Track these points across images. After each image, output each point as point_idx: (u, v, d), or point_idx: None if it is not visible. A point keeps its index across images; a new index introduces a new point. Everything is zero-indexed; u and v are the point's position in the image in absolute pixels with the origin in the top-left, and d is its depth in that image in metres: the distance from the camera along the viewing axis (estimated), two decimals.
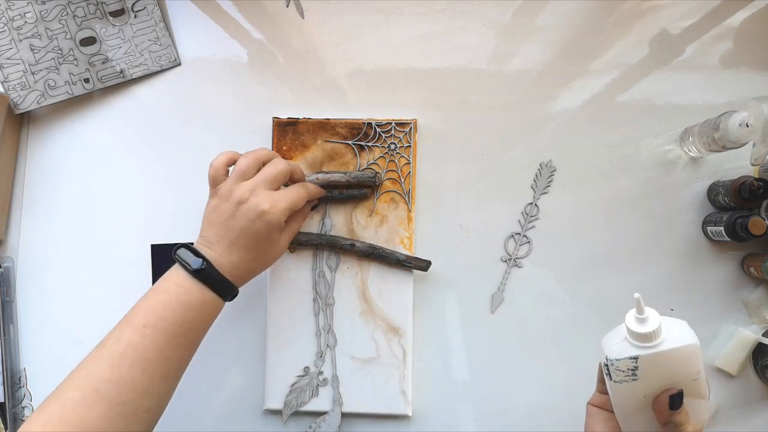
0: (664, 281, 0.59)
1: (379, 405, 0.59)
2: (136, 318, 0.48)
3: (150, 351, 0.46)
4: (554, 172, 0.61)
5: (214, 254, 0.51)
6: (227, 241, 0.51)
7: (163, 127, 0.65)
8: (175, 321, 0.48)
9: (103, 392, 0.44)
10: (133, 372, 0.45)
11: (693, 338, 0.40)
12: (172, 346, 0.48)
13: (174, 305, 0.48)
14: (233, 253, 0.51)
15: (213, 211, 0.52)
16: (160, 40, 0.65)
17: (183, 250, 0.51)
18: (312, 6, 0.65)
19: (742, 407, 0.58)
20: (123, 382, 0.45)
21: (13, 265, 0.64)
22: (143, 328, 0.47)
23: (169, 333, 0.47)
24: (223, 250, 0.51)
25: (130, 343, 0.46)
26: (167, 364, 0.47)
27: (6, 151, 0.63)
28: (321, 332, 0.61)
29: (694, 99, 0.61)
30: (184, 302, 0.49)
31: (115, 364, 0.45)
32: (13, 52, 0.63)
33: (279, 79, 0.64)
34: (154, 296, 0.49)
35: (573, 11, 0.62)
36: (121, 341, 0.47)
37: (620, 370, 0.40)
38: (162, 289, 0.50)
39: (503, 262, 0.61)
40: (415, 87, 0.63)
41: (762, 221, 0.53)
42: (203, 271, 0.49)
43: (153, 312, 0.48)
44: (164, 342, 0.47)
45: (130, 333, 0.47)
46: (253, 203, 0.50)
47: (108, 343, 0.47)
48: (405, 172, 0.61)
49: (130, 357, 0.46)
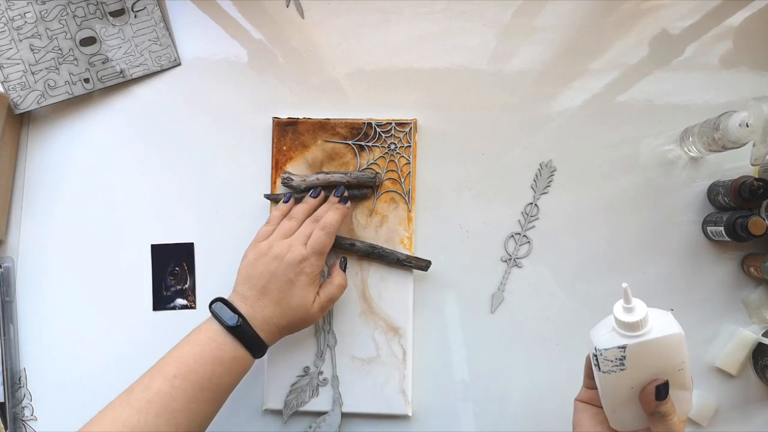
0: (664, 281, 0.59)
1: (379, 405, 0.59)
2: (167, 368, 0.48)
3: (177, 402, 0.47)
4: (554, 172, 0.61)
5: (249, 309, 0.51)
6: (262, 296, 0.52)
7: (163, 127, 0.65)
8: (205, 374, 0.48)
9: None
10: (159, 420, 0.46)
11: (678, 328, 0.41)
12: (199, 399, 0.48)
13: (205, 359, 0.49)
14: (266, 307, 0.52)
15: (249, 265, 0.53)
16: (160, 40, 0.65)
17: (218, 304, 0.51)
18: (312, 6, 0.65)
19: (742, 407, 0.58)
20: (148, 431, 0.45)
21: (13, 265, 0.64)
22: (173, 378, 0.47)
23: (197, 386, 0.48)
24: (257, 305, 0.52)
25: (158, 392, 0.47)
26: (192, 416, 0.48)
27: (6, 151, 0.63)
28: (321, 332, 0.61)
29: (694, 99, 0.61)
30: (215, 357, 0.49)
31: (142, 411, 0.46)
32: (13, 52, 0.63)
33: (279, 79, 0.64)
34: (187, 348, 0.50)
35: (573, 11, 0.62)
36: (150, 389, 0.47)
37: (608, 359, 0.41)
38: (195, 342, 0.50)
39: (503, 262, 0.61)
40: (415, 87, 0.63)
41: (762, 221, 0.53)
42: (238, 328, 0.50)
43: (184, 364, 0.48)
44: (192, 395, 0.47)
45: (160, 382, 0.47)
46: (290, 259, 0.52)
47: (137, 389, 0.48)
48: (405, 172, 0.61)
49: (157, 406, 0.46)
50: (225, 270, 0.62)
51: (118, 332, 0.63)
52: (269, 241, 0.54)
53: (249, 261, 0.54)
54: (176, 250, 0.63)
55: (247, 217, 0.63)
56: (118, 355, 0.63)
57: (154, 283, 0.63)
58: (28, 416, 0.63)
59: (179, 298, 0.63)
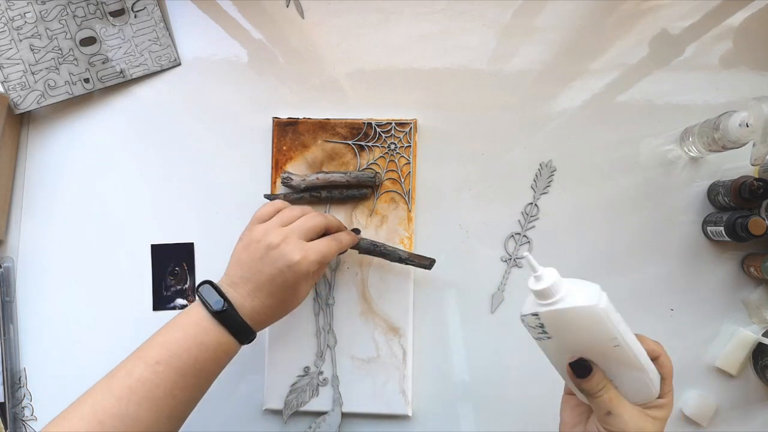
0: (664, 281, 0.59)
1: (379, 405, 0.59)
2: (149, 353, 0.47)
3: (159, 389, 0.46)
4: (554, 172, 0.61)
5: (237, 296, 0.49)
6: (252, 284, 0.50)
7: (163, 127, 0.65)
8: (188, 360, 0.47)
9: (107, 426, 0.44)
10: (140, 409, 0.45)
11: (595, 301, 0.39)
12: (181, 385, 0.47)
13: (189, 344, 0.47)
14: (256, 297, 0.50)
15: (242, 250, 0.51)
16: (160, 40, 0.65)
17: (206, 287, 0.49)
18: (312, 6, 0.65)
19: (742, 407, 0.58)
20: (129, 418, 0.44)
21: (13, 265, 0.64)
22: (156, 364, 0.46)
23: (180, 372, 0.46)
24: (246, 293, 0.50)
25: (140, 379, 0.46)
26: (175, 403, 0.47)
27: (6, 151, 0.63)
28: (321, 332, 0.61)
29: (694, 99, 0.61)
30: (200, 342, 0.47)
31: (123, 399, 0.45)
32: (13, 52, 0.63)
33: (279, 79, 0.64)
34: (171, 332, 0.48)
35: (573, 11, 0.62)
36: (132, 375, 0.46)
37: (531, 326, 0.42)
38: (179, 326, 0.48)
39: (503, 262, 0.61)
40: (415, 87, 0.63)
41: (762, 221, 0.53)
42: (224, 313, 0.48)
43: (167, 349, 0.47)
44: (174, 381, 0.46)
45: (142, 368, 0.46)
46: (284, 250, 0.49)
47: (118, 376, 0.46)
48: (405, 172, 0.61)
49: (139, 393, 0.45)
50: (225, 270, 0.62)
51: (118, 332, 0.63)
52: (265, 226, 0.51)
53: (242, 245, 0.51)
54: (176, 250, 0.63)
55: (247, 217, 0.62)
56: (118, 355, 0.62)
57: (154, 283, 0.63)
58: (28, 416, 0.63)
59: (179, 298, 0.63)
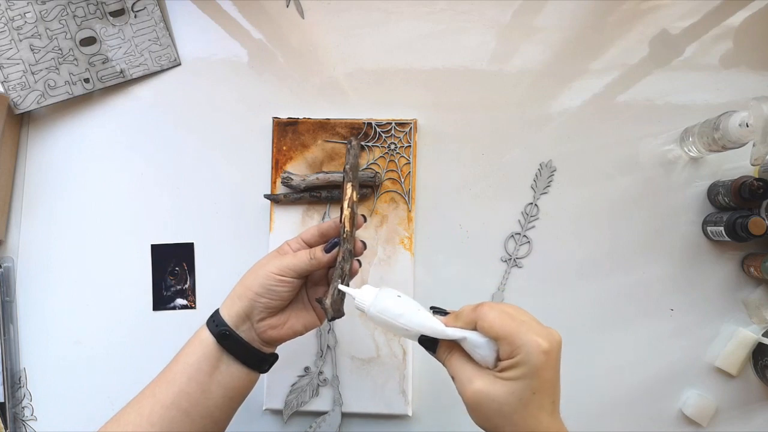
0: (664, 281, 0.59)
1: (379, 405, 0.59)
2: (163, 395, 0.46)
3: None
4: (554, 172, 0.61)
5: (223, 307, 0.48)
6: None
7: (163, 127, 0.65)
8: (206, 402, 0.46)
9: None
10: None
11: (366, 307, 0.45)
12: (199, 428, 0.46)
13: (203, 382, 0.46)
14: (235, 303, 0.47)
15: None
16: (160, 40, 0.65)
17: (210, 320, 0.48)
18: (312, 6, 0.65)
19: (742, 407, 0.58)
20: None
21: (13, 265, 0.64)
22: (170, 407, 0.45)
23: (196, 416, 0.46)
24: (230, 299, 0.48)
25: (152, 424, 0.45)
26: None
27: (6, 151, 0.63)
28: (321, 332, 0.61)
29: (694, 99, 0.61)
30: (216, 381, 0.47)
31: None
32: (13, 52, 0.63)
33: (279, 79, 0.64)
34: (182, 367, 0.47)
35: (573, 11, 0.62)
36: (141, 415, 0.45)
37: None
38: (189, 362, 0.47)
39: (503, 262, 0.61)
40: (415, 87, 0.63)
41: (762, 221, 0.53)
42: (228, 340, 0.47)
43: (180, 390, 0.46)
44: (190, 426, 0.46)
45: (158, 412, 0.45)
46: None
47: (130, 417, 0.46)
48: (405, 172, 0.61)
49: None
50: (225, 270, 0.63)
51: (118, 332, 0.63)
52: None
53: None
54: (176, 250, 0.63)
55: (247, 217, 0.63)
56: (118, 354, 0.63)
57: (154, 283, 0.63)
58: (28, 416, 0.63)
59: (179, 298, 0.63)
